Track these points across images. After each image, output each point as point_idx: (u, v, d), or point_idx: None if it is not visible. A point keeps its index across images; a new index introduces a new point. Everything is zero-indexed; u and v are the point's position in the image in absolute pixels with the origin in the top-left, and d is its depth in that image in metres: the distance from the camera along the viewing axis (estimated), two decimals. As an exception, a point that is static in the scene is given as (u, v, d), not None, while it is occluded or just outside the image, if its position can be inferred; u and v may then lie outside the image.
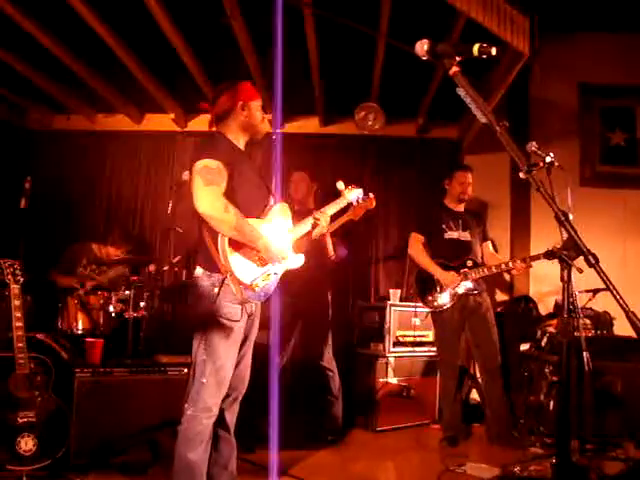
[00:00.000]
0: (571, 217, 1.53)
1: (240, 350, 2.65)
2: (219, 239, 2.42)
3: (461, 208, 4.54)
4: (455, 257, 4.31)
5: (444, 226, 4.40)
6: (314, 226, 2.91)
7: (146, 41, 4.48)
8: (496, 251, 4.88)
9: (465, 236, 4.41)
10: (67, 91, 5.49)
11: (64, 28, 4.28)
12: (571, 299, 1.79)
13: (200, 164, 2.44)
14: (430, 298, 4.31)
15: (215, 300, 2.47)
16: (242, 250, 2.50)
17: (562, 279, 1.62)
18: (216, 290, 2.46)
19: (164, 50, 4.47)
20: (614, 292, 1.45)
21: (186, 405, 2.48)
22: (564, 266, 1.59)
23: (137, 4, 3.80)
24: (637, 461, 3.87)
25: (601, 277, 1.45)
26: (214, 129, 2.73)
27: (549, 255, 1.62)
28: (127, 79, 5.05)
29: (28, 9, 4.01)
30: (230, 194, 2.48)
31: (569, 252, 1.54)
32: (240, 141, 2.73)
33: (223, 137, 2.68)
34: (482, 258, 4.46)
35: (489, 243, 4.60)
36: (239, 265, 2.47)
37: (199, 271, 2.56)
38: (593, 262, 1.45)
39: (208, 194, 2.39)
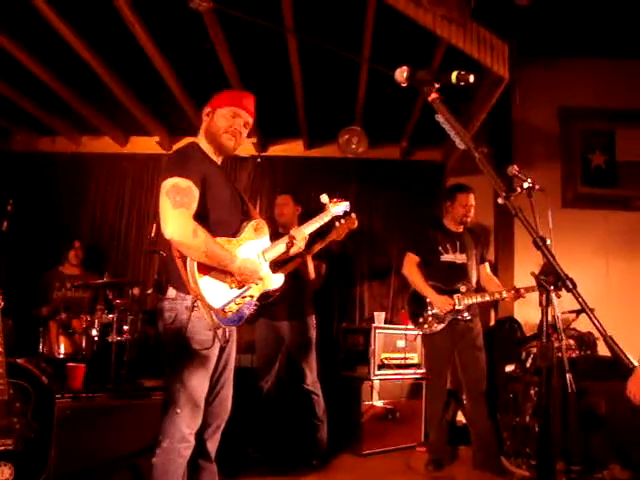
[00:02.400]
0: (549, 242, 1.54)
1: (220, 378, 2.59)
2: (188, 261, 2.30)
3: (460, 228, 4.47)
4: (450, 281, 4.25)
5: (440, 248, 4.34)
6: (289, 246, 2.78)
7: (131, 65, 4.49)
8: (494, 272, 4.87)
9: (462, 259, 4.35)
10: (52, 114, 5.49)
11: (49, 52, 4.29)
12: (552, 322, 1.80)
13: (169, 183, 2.32)
14: (422, 320, 4.27)
15: (187, 327, 2.37)
16: (214, 272, 2.38)
17: (541, 304, 1.63)
18: (186, 316, 2.36)
19: (149, 74, 4.48)
20: (592, 316, 1.46)
21: (161, 437, 2.37)
22: (542, 291, 1.60)
23: (122, 28, 3.82)
24: (623, 482, 3.87)
25: (579, 302, 1.46)
26: (190, 138, 2.67)
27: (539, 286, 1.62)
28: (112, 102, 5.06)
29: (13, 33, 4.02)
30: (203, 212, 2.39)
31: (548, 277, 1.55)
32: (212, 152, 2.61)
33: (198, 148, 2.57)
34: (478, 280, 4.43)
35: (487, 265, 4.57)
36: (210, 288, 2.35)
37: (172, 292, 2.44)
38: (571, 287, 1.46)
39: (176, 218, 2.26)
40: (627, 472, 4.03)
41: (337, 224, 3.60)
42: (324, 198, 3.23)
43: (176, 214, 2.27)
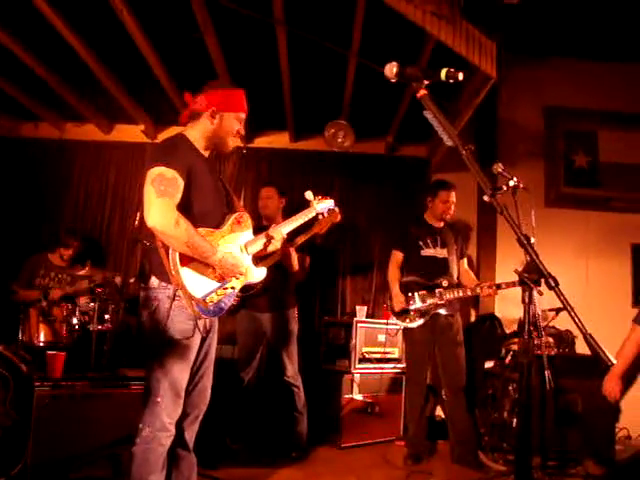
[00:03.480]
0: (533, 240, 1.56)
1: (200, 368, 2.59)
2: (170, 251, 2.32)
3: (441, 224, 4.52)
4: (431, 275, 4.29)
5: (421, 243, 4.39)
6: (266, 244, 2.79)
7: (118, 52, 4.44)
8: (471, 268, 4.92)
9: (442, 253, 4.40)
10: (35, 99, 5.42)
11: (34, 37, 4.24)
12: (533, 319, 1.82)
13: (155, 171, 2.32)
14: (403, 315, 4.32)
15: (168, 316, 2.37)
16: (195, 263, 2.39)
17: (523, 301, 1.65)
18: (167, 306, 2.37)
19: (136, 61, 4.44)
20: (573, 314, 1.48)
21: (141, 425, 2.37)
22: (525, 288, 1.62)
23: (109, 14, 3.78)
24: (597, 478, 3.94)
25: (560, 300, 1.48)
26: (175, 128, 2.65)
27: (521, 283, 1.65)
28: (97, 89, 5.00)
29: (-3, 17, 3.97)
30: (187, 203, 2.39)
31: (530, 275, 1.57)
32: (203, 147, 2.61)
33: (185, 140, 2.56)
34: (458, 276, 4.48)
35: (465, 260, 4.63)
36: (191, 279, 2.36)
37: (154, 282, 2.44)
38: (553, 285, 1.48)
39: (159, 207, 2.26)
40: (600, 468, 4.11)
41: (320, 217, 3.61)
42: (309, 195, 3.24)
43: (159, 203, 2.27)
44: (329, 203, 3.30)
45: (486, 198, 1.61)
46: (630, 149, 6.05)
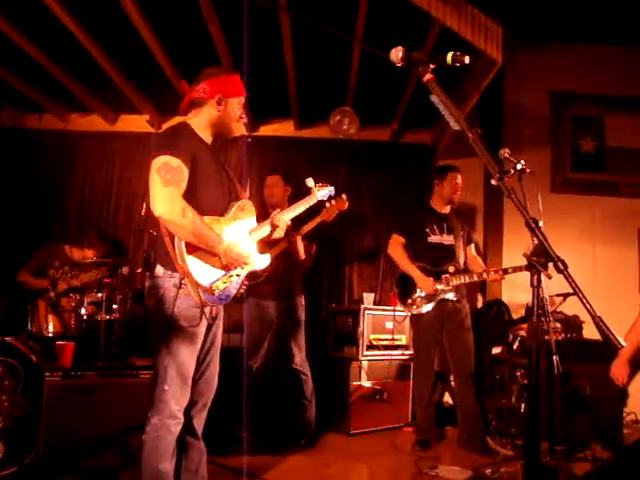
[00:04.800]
0: (541, 224, 1.55)
1: (207, 356, 2.60)
2: (176, 239, 2.32)
3: (447, 210, 4.50)
4: (437, 262, 4.28)
5: (427, 229, 4.37)
6: (270, 231, 2.80)
7: (121, 42, 4.43)
8: (479, 254, 4.90)
9: (449, 240, 4.38)
10: (40, 90, 5.42)
11: (38, 27, 4.23)
12: (541, 303, 1.82)
13: (160, 160, 2.31)
14: (410, 301, 4.31)
15: (174, 304, 2.38)
16: (200, 251, 2.39)
17: (532, 284, 1.65)
18: (174, 294, 2.38)
19: (140, 51, 4.43)
20: (582, 297, 1.48)
21: (150, 414, 2.39)
22: (534, 272, 1.62)
23: (112, 4, 3.77)
24: (604, 461, 3.94)
25: (569, 283, 1.48)
26: (180, 117, 2.65)
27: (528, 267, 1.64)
28: (102, 79, 4.99)
29: (1, 8, 3.95)
30: (191, 191, 2.38)
31: (539, 258, 1.56)
32: (207, 134, 2.62)
33: (188, 128, 2.56)
34: (466, 261, 4.47)
35: (472, 246, 4.60)
36: (197, 267, 2.37)
37: (160, 270, 2.44)
38: (562, 268, 1.48)
39: (166, 196, 2.27)
40: (607, 452, 4.11)
41: (327, 205, 3.61)
42: (309, 182, 3.25)
43: (166, 192, 2.27)
44: (329, 190, 3.29)
45: (494, 182, 1.60)
46: (637, 134, 6.01)
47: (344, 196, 3.75)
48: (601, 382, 4.14)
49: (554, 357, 2.96)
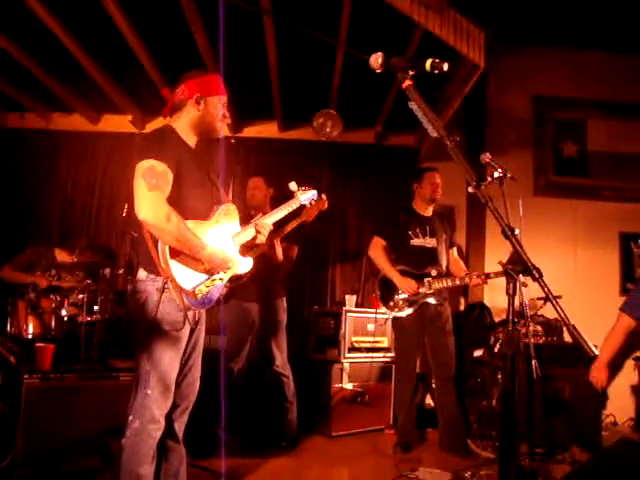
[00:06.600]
0: (517, 231, 1.57)
1: (189, 359, 2.59)
2: (159, 243, 2.31)
3: (429, 212, 4.52)
4: (420, 265, 4.29)
5: (410, 232, 4.38)
6: (254, 236, 2.79)
7: (104, 41, 4.40)
8: (461, 257, 4.92)
9: (431, 243, 4.39)
10: (21, 89, 5.36)
11: (19, 26, 4.18)
12: (520, 308, 1.83)
13: (145, 164, 2.29)
14: (392, 304, 4.31)
15: (157, 308, 2.36)
16: (183, 255, 2.37)
17: (507, 292, 1.66)
18: (157, 298, 2.36)
19: (123, 51, 4.40)
20: (556, 305, 1.49)
21: (131, 417, 2.36)
22: (509, 280, 1.63)
23: (95, 3, 3.74)
24: (583, 464, 3.98)
25: (544, 291, 1.49)
26: (167, 118, 2.61)
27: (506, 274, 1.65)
28: (84, 79, 4.95)
29: (-19, 6, 3.92)
30: (175, 196, 2.36)
31: (515, 266, 1.58)
32: (190, 137, 2.60)
33: (173, 132, 2.54)
34: (448, 265, 4.49)
35: (455, 249, 4.63)
36: (180, 270, 2.36)
37: (142, 274, 2.43)
38: (537, 276, 1.49)
39: (151, 200, 2.25)
40: (586, 454, 4.16)
41: (308, 205, 3.61)
42: (293, 186, 3.26)
43: (151, 197, 2.26)
44: (312, 194, 3.30)
45: (470, 189, 1.61)
46: (619, 138, 6.09)
47: (324, 196, 3.76)
48: (581, 385, 4.19)
49: (533, 361, 2.99)
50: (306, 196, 3.25)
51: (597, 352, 1.45)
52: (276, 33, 4.16)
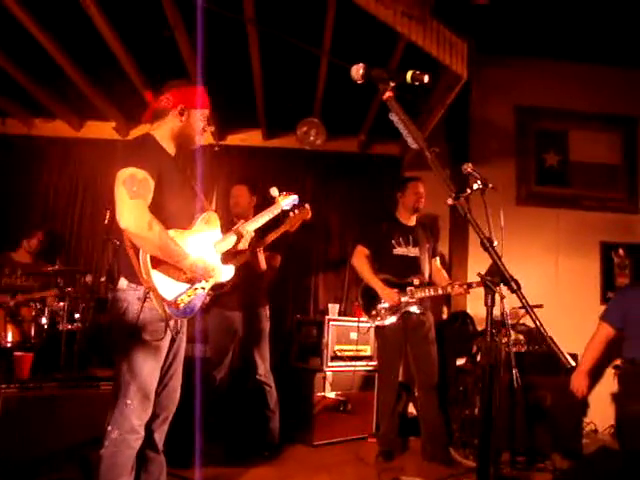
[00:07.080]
0: (496, 243, 1.58)
1: (169, 369, 2.57)
2: (141, 252, 2.28)
3: (413, 222, 4.53)
4: (402, 274, 4.30)
5: (393, 241, 4.39)
6: (235, 243, 2.79)
7: (87, 48, 4.38)
8: (444, 266, 4.94)
9: (414, 252, 4.40)
10: (2, 94, 5.32)
11: (1, 31, 4.15)
12: (501, 317, 1.84)
13: (126, 172, 2.28)
14: (374, 312, 4.32)
15: (138, 318, 2.34)
16: (164, 265, 2.35)
17: (486, 303, 1.67)
18: (138, 307, 2.34)
19: (106, 58, 4.39)
20: (533, 316, 1.50)
21: (109, 427, 2.33)
22: (488, 291, 1.64)
23: (78, 10, 3.73)
24: (564, 471, 4.01)
25: (522, 303, 1.50)
26: (148, 126, 2.60)
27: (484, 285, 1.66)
28: (67, 85, 4.93)
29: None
30: (157, 204, 2.35)
31: (493, 277, 1.59)
32: (171, 146, 2.60)
33: (153, 140, 2.53)
34: (430, 274, 4.50)
35: (437, 259, 4.65)
36: (162, 280, 2.34)
37: (123, 283, 2.41)
38: (515, 288, 1.50)
39: (133, 209, 2.24)
40: (567, 461, 4.19)
41: (291, 214, 3.61)
42: (274, 191, 3.24)
43: (133, 205, 2.25)
44: (293, 198, 3.28)
45: (450, 201, 1.62)
46: (600, 149, 6.17)
47: (307, 206, 3.76)
48: (562, 393, 4.22)
49: (514, 370, 3.00)
50: (287, 201, 3.23)
51: (574, 363, 1.46)
52: (260, 42, 4.17)
